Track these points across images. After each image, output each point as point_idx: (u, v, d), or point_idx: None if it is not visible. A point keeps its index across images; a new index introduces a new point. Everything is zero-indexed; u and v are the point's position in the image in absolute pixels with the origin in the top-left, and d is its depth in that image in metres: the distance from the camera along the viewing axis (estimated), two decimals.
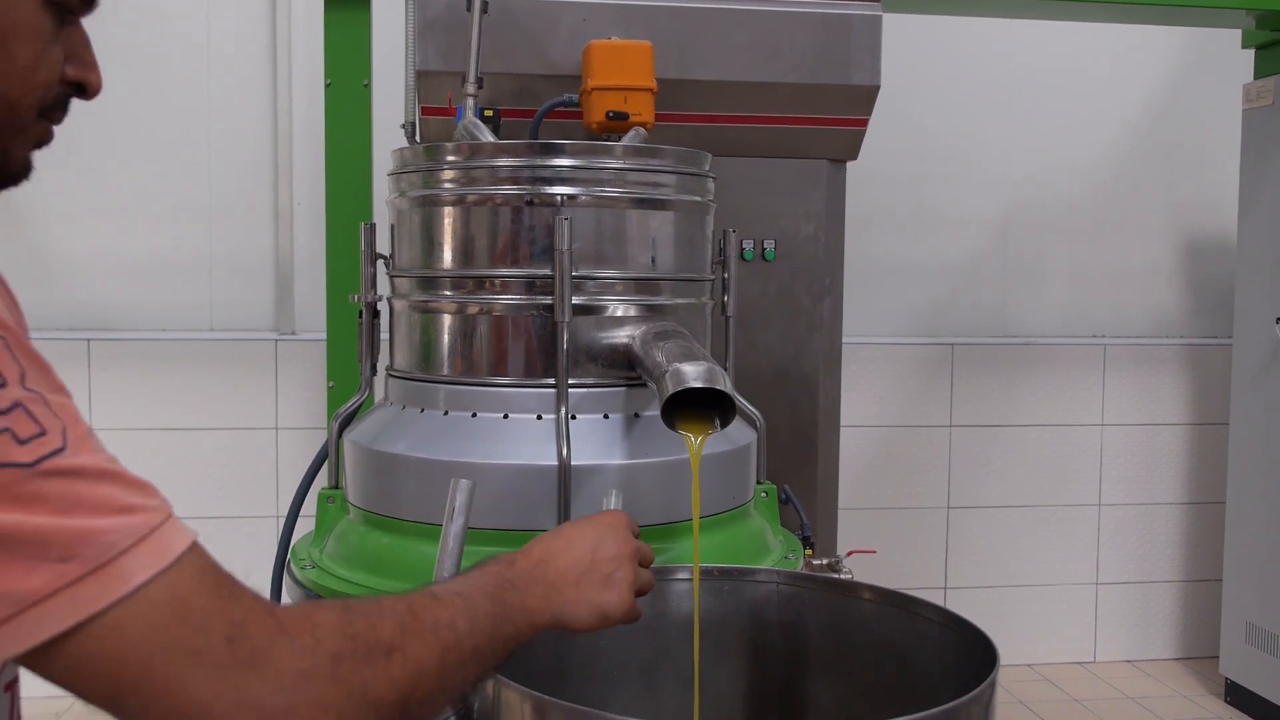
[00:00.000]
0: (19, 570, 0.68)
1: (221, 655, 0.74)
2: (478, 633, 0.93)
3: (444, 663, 0.88)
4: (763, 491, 1.93)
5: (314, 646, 0.79)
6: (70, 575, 0.69)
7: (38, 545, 0.68)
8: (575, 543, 1.12)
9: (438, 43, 2.39)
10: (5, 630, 0.68)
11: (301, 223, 3.65)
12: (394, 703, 0.83)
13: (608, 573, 1.11)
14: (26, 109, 0.86)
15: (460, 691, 0.93)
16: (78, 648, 0.70)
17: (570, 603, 1.07)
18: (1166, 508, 4.13)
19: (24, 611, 0.69)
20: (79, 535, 0.70)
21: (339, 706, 0.79)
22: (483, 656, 0.94)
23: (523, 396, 1.70)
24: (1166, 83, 4.09)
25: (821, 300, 2.69)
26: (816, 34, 2.55)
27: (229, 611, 0.76)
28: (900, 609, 1.37)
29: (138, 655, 0.72)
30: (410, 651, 0.85)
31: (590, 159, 1.72)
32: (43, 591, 0.69)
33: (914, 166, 3.93)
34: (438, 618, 0.90)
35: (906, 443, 3.96)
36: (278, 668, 0.76)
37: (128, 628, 0.71)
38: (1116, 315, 4.12)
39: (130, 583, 0.71)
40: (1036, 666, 4.01)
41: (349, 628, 0.82)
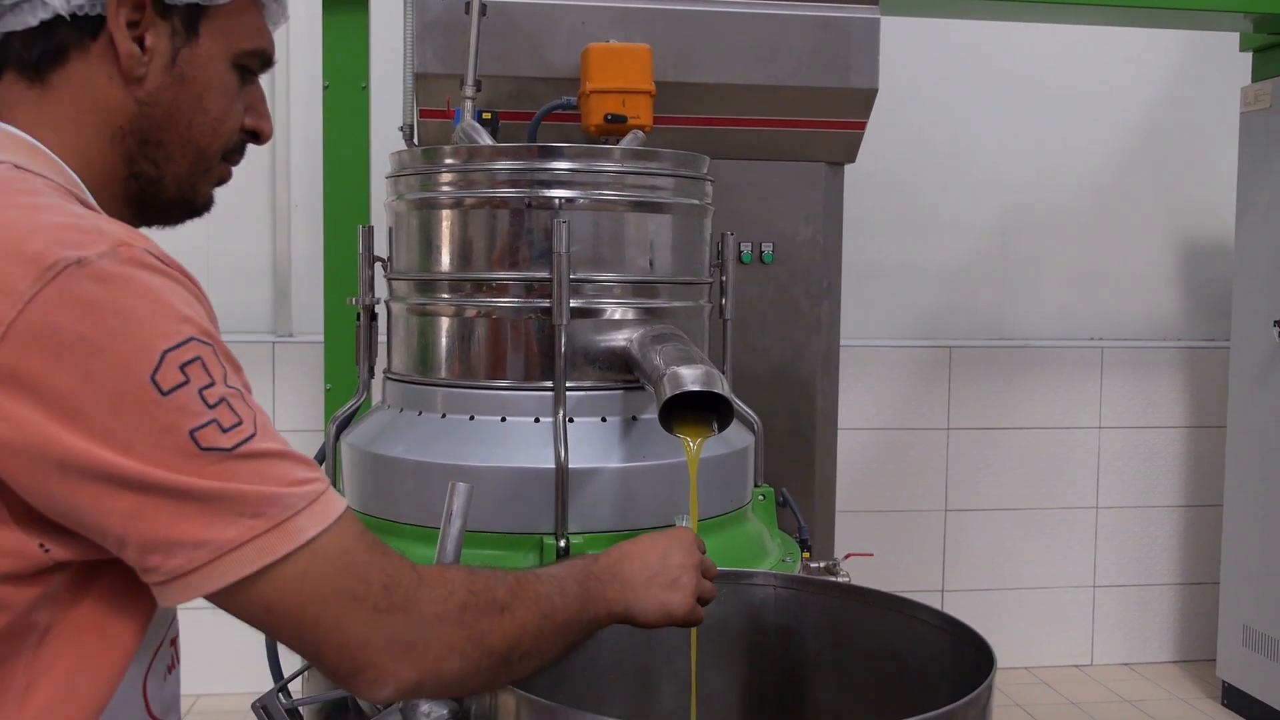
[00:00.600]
0: (221, 525, 0.85)
1: (380, 600, 0.92)
2: (568, 609, 1.09)
3: (541, 628, 1.04)
4: (760, 494, 1.93)
5: (447, 596, 0.97)
6: (259, 529, 0.87)
7: (235, 505, 0.86)
8: (649, 549, 1.24)
9: (436, 45, 2.39)
10: (208, 570, 0.85)
11: (299, 225, 3.65)
12: (502, 652, 1.00)
13: (674, 577, 1.22)
14: (213, 154, 1.08)
15: (550, 656, 1.07)
16: (267, 588, 0.87)
17: (640, 599, 1.19)
18: (1164, 510, 4.13)
19: (223, 556, 0.86)
20: (266, 499, 0.87)
21: (461, 648, 0.97)
22: (570, 630, 1.09)
23: (520, 399, 1.70)
24: (1164, 86, 4.10)
25: (819, 303, 2.69)
26: (815, 37, 2.56)
27: (384, 564, 0.93)
28: (897, 612, 1.38)
29: (314, 597, 0.89)
30: (518, 612, 1.02)
31: (588, 162, 1.73)
32: (237, 541, 0.86)
33: (912, 169, 3.93)
34: (538, 590, 1.06)
35: (904, 445, 3.96)
36: (421, 611, 0.94)
37: (305, 574, 0.89)
38: (1114, 318, 4.12)
39: (304, 535, 0.88)
40: (1033, 669, 4.01)
41: (474, 584, 1.00)
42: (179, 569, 0.85)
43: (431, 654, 0.94)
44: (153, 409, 0.84)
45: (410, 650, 0.93)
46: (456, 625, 0.96)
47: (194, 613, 1.34)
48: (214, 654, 3.39)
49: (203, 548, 0.85)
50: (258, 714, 1.31)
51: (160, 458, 0.84)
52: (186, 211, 1.12)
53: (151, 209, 1.10)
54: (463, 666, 0.97)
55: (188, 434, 0.85)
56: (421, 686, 0.96)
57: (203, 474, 0.85)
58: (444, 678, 0.96)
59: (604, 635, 1.41)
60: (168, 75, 1.02)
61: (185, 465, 0.84)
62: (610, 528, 1.66)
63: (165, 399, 0.84)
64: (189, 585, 0.86)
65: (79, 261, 0.84)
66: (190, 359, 0.86)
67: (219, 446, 0.86)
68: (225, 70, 1.06)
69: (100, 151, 1.03)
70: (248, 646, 2.70)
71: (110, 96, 1.01)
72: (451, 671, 0.96)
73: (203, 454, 0.85)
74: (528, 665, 1.04)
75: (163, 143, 1.04)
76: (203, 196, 1.11)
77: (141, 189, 1.06)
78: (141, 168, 1.05)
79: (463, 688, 1.02)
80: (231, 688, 3.40)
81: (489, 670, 1.00)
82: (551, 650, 1.07)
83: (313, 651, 0.92)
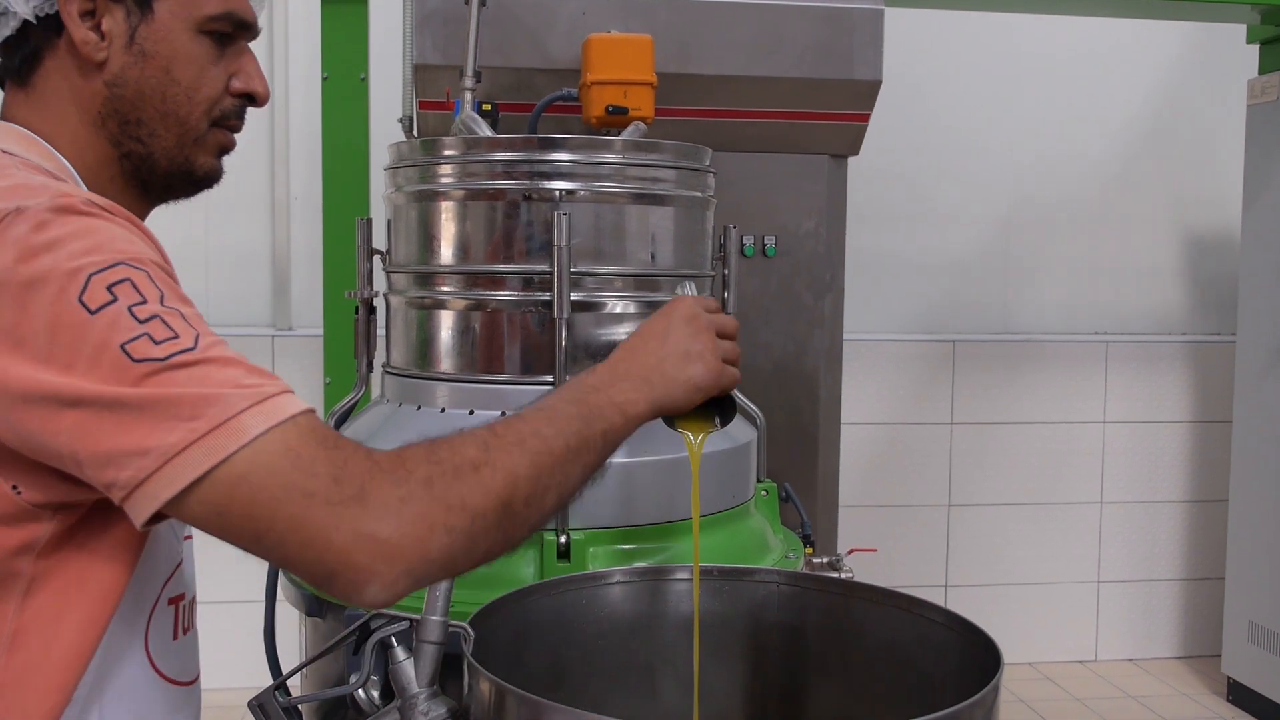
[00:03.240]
0: (161, 431, 0.85)
1: (331, 493, 0.87)
2: (565, 435, 1.02)
3: (536, 466, 0.98)
4: (763, 490, 1.91)
5: (406, 477, 0.90)
6: (200, 430, 0.85)
7: (173, 410, 0.85)
8: (648, 334, 1.18)
9: (435, 36, 2.37)
10: (159, 476, 0.85)
11: (298, 216, 3.64)
12: (495, 509, 0.94)
13: (686, 349, 1.16)
14: (196, 122, 1.09)
15: (568, 488, 1.02)
16: (215, 491, 0.86)
17: (659, 386, 1.13)
18: (1169, 505, 4.11)
19: (169, 461, 0.85)
20: (204, 400, 0.86)
21: (442, 520, 0.90)
22: (578, 455, 1.02)
23: (521, 394, 1.68)
24: (1170, 78, 4.07)
25: (822, 297, 2.67)
26: (818, 28, 2.53)
27: (332, 456, 0.89)
28: (903, 610, 1.36)
29: (263, 498, 0.86)
30: (498, 463, 0.95)
31: (589, 154, 1.71)
32: (180, 445, 0.85)
33: (916, 162, 3.91)
34: (519, 430, 1.00)
35: (908, 440, 3.94)
36: (380, 498, 0.88)
37: (250, 473, 0.86)
38: (1119, 312, 4.10)
39: (248, 434, 0.86)
40: (1038, 665, 4.00)
41: (435, 454, 0.94)
42: (132, 480, 0.86)
43: (408, 540, 0.88)
44: (84, 328, 0.86)
45: (380, 543, 0.87)
46: (425, 501, 0.90)
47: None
48: (211, 650, 3.38)
49: (147, 455, 0.85)
50: (255, 712, 1.30)
51: (96, 374, 0.86)
52: (189, 183, 1.13)
53: (154, 186, 1.12)
54: (451, 540, 0.91)
55: (119, 348, 0.86)
56: (415, 576, 0.90)
57: (140, 384, 0.86)
58: (435, 559, 0.91)
59: (604, 633, 1.40)
60: (129, 54, 1.05)
61: (120, 377, 0.86)
62: (612, 524, 1.64)
63: (94, 317, 0.87)
64: (147, 495, 0.86)
65: (18, 210, 0.89)
66: (118, 280, 0.88)
67: (152, 357, 0.86)
68: (190, 39, 1.07)
69: (89, 140, 1.07)
70: (245, 643, 2.68)
71: (82, 85, 1.06)
72: (440, 549, 0.90)
73: (136, 365, 0.86)
74: (540, 508, 0.99)
75: (142, 120, 1.07)
76: (201, 166, 1.12)
77: (136, 168, 1.09)
78: (129, 147, 1.08)
79: (470, 559, 0.95)
80: (229, 684, 3.39)
81: (490, 532, 0.94)
82: (566, 483, 1.02)
83: (281, 559, 0.89)
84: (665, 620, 1.44)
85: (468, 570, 0.96)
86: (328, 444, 0.90)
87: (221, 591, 3.54)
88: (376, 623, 1.22)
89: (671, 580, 1.45)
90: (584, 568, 1.58)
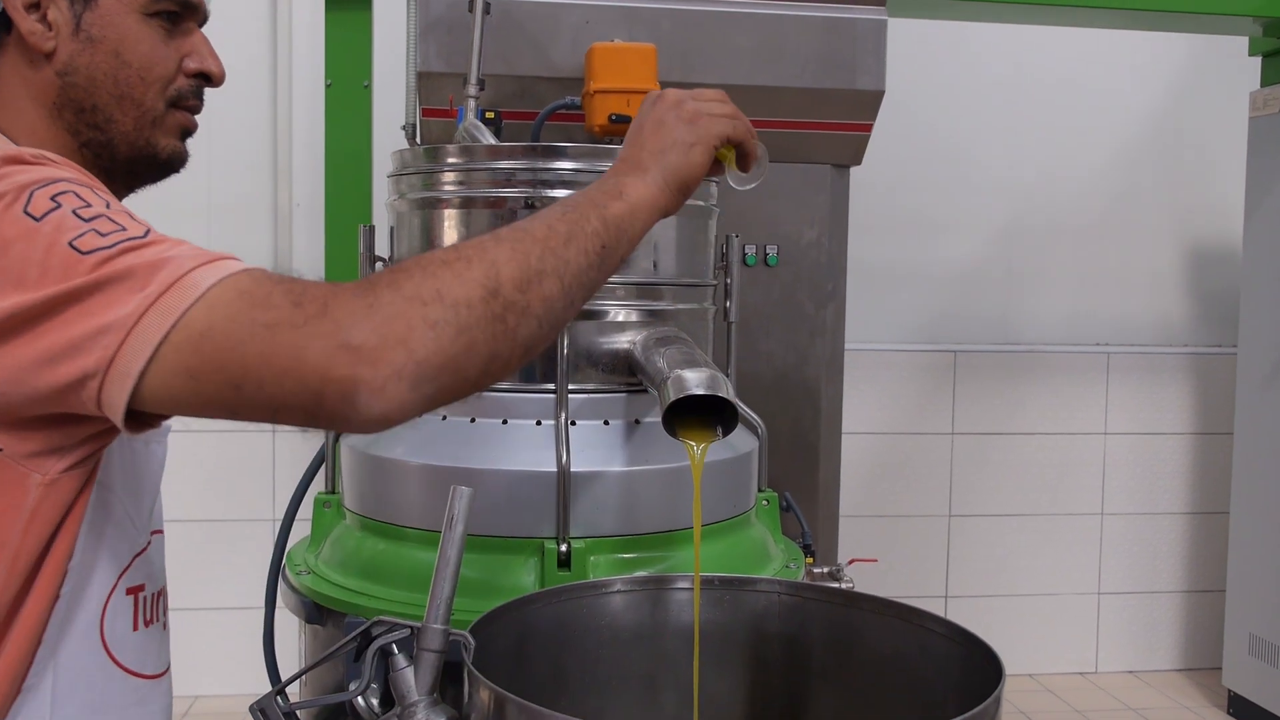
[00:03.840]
0: (117, 305, 0.85)
1: (294, 317, 0.85)
2: (548, 220, 0.97)
3: (518, 250, 0.92)
4: (764, 499, 1.91)
5: (369, 287, 0.87)
6: (153, 295, 0.85)
7: (125, 282, 0.85)
8: (641, 122, 1.14)
9: (439, 44, 2.37)
10: (125, 351, 0.85)
11: (301, 223, 3.63)
12: (480, 295, 0.88)
13: (660, 120, 1.13)
14: (152, 104, 1.09)
15: (570, 273, 0.95)
16: (181, 355, 0.85)
17: (651, 163, 1.09)
18: (1170, 517, 4.11)
19: (130, 332, 0.85)
20: (154, 265, 0.86)
21: (419, 314, 0.85)
22: (571, 237, 0.96)
23: (522, 402, 1.68)
24: (1172, 90, 4.08)
25: (824, 306, 2.67)
26: (821, 38, 2.54)
27: (290, 287, 0.87)
28: (904, 620, 1.35)
29: (228, 344, 0.84)
30: (470, 255, 0.90)
31: (592, 162, 1.71)
32: (138, 312, 0.85)
33: (918, 172, 3.91)
34: (495, 233, 0.95)
35: (908, 450, 3.94)
36: (345, 309, 0.85)
37: (210, 325, 0.84)
38: (1120, 323, 4.10)
39: (200, 287, 0.85)
40: (1038, 676, 3.99)
41: (395, 267, 0.91)
42: (101, 361, 0.85)
43: (386, 341, 0.84)
44: (32, 236, 0.87)
45: (356, 349, 0.83)
46: (396, 302, 0.85)
47: (191, 614, 1.32)
48: (211, 655, 3.38)
49: (108, 332, 0.85)
50: (255, 717, 1.29)
51: (49, 278, 0.86)
52: (153, 166, 1.13)
53: (118, 173, 1.12)
54: (439, 335, 0.85)
55: (67, 245, 0.87)
56: (410, 379, 0.85)
57: (91, 272, 0.86)
58: (428, 358, 0.85)
59: (605, 642, 1.39)
60: (76, 42, 1.06)
61: (73, 271, 0.86)
62: (613, 532, 1.64)
63: (40, 223, 0.88)
64: (119, 373, 0.85)
65: None
66: (60, 191, 0.90)
67: (100, 246, 0.87)
68: (137, 21, 1.08)
69: (48, 131, 1.08)
70: (245, 648, 2.68)
71: (35, 78, 1.07)
72: (427, 346, 0.85)
73: (85, 257, 0.86)
74: (541, 294, 0.92)
75: (96, 106, 1.08)
76: (164, 149, 1.12)
77: (97, 156, 1.09)
78: (88, 135, 1.08)
79: (473, 356, 0.88)
80: (229, 689, 3.39)
81: (486, 323, 0.88)
82: (565, 267, 0.95)
83: (266, 403, 0.86)
84: (666, 629, 1.43)
85: (483, 376, 0.90)
86: (282, 280, 0.88)
87: (221, 598, 3.54)
88: (377, 630, 1.22)
89: (672, 589, 1.45)
90: (585, 576, 1.58)
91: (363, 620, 1.24)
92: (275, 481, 3.61)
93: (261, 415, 0.88)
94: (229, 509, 3.56)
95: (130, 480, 1.06)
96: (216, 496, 3.56)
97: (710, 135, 1.14)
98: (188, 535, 3.29)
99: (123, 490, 1.04)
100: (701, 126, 1.13)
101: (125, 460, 1.04)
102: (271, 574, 1.94)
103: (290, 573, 1.77)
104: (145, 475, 1.10)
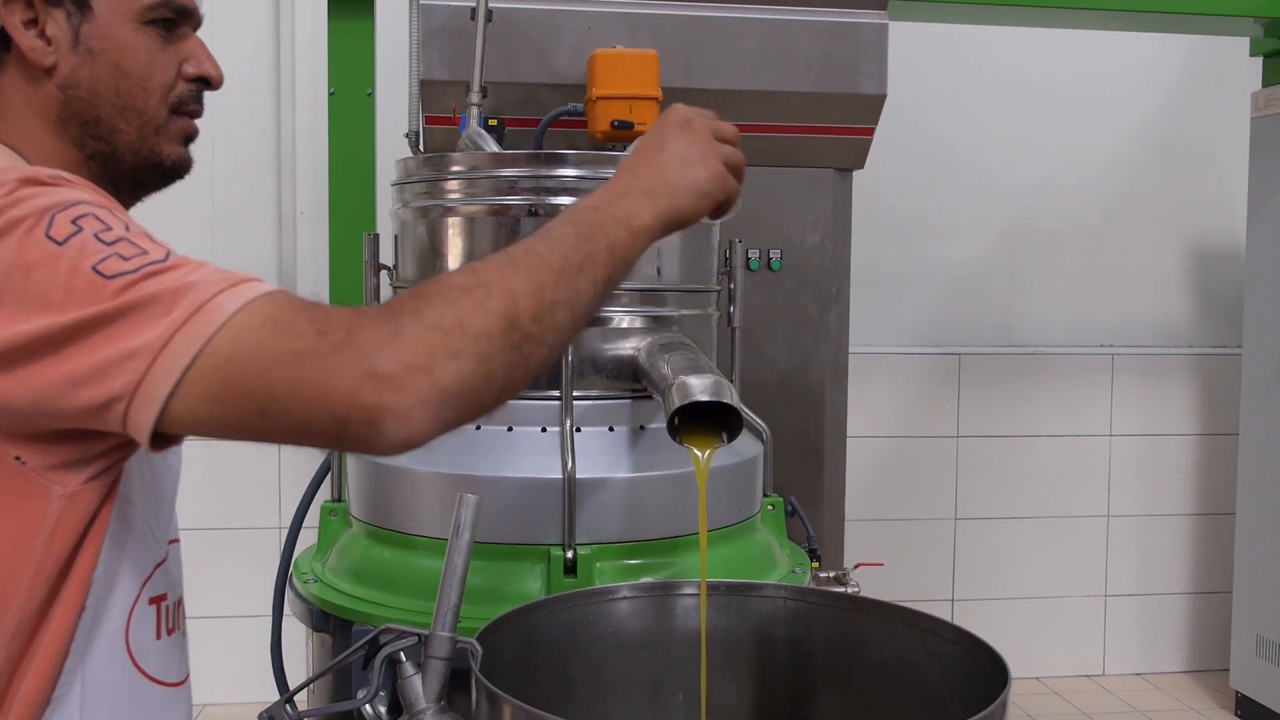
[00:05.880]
0: (144, 330, 0.86)
1: (319, 345, 0.87)
2: (563, 248, 0.99)
3: (534, 280, 0.95)
4: (769, 504, 1.91)
5: (392, 316, 0.89)
6: (179, 320, 0.86)
7: (151, 308, 0.86)
8: (644, 150, 1.14)
9: (442, 51, 2.38)
10: (151, 377, 0.86)
11: (305, 231, 3.64)
12: (500, 327, 0.91)
13: (684, 154, 1.12)
14: (154, 112, 1.09)
15: (580, 304, 0.98)
16: (208, 382, 0.86)
17: (663, 196, 1.09)
18: (1175, 519, 4.10)
19: (157, 358, 0.86)
20: (178, 291, 0.87)
21: (442, 344, 0.88)
22: (581, 268, 0.99)
23: (527, 409, 1.69)
24: (1174, 91, 4.07)
25: (828, 310, 2.68)
26: (823, 43, 2.54)
27: (313, 314, 0.89)
28: (910, 625, 1.35)
29: (254, 371, 0.86)
30: (491, 283, 0.93)
31: (595, 169, 1.71)
32: (164, 338, 0.86)
33: (920, 175, 3.91)
34: (510, 253, 0.97)
35: (913, 453, 3.94)
36: (369, 338, 0.87)
37: (236, 351, 0.86)
38: (1124, 325, 4.10)
39: (225, 313, 0.87)
40: (1045, 679, 3.98)
41: (419, 292, 0.92)
42: (128, 386, 0.86)
43: (411, 370, 0.86)
44: (55, 260, 0.87)
45: (381, 377, 0.86)
46: (419, 330, 0.88)
47: (198, 622, 1.32)
48: (221, 664, 3.38)
49: (135, 357, 0.86)
50: None
51: (73, 301, 0.87)
52: (159, 174, 1.13)
53: (124, 183, 1.12)
54: (460, 365, 0.88)
55: (91, 269, 0.87)
56: (433, 407, 0.87)
57: (116, 297, 0.86)
58: (449, 387, 0.88)
59: (611, 648, 1.40)
60: (75, 55, 1.06)
61: (97, 295, 0.87)
62: (618, 539, 1.64)
63: (63, 247, 0.88)
64: (146, 398, 0.86)
65: None
66: (81, 214, 0.90)
67: (124, 271, 0.87)
68: (134, 30, 1.08)
69: (54, 147, 1.08)
70: (254, 657, 2.68)
71: (37, 94, 1.07)
72: (449, 376, 0.88)
73: (109, 281, 0.87)
74: (554, 324, 0.95)
75: (100, 118, 1.08)
76: (169, 156, 1.12)
77: (103, 168, 1.10)
78: (93, 147, 1.09)
79: (490, 386, 0.91)
80: (237, 698, 3.39)
81: (503, 354, 0.91)
82: (576, 299, 0.97)
83: (293, 428, 0.88)
84: (672, 635, 1.43)
85: (497, 402, 0.93)
86: (305, 307, 0.90)
87: (229, 606, 3.55)
88: (385, 638, 1.22)
89: (678, 595, 1.45)
90: (591, 583, 1.58)
91: (370, 628, 1.24)
92: (281, 490, 3.61)
93: (287, 439, 0.90)
94: (236, 517, 3.56)
95: (149, 492, 1.07)
96: (223, 505, 3.56)
97: (721, 190, 1.14)
98: (195, 544, 3.28)
99: (142, 502, 1.05)
100: (717, 179, 1.13)
101: (145, 473, 1.05)
102: (279, 582, 1.95)
103: (297, 581, 1.77)
104: (163, 486, 1.10)
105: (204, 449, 3.76)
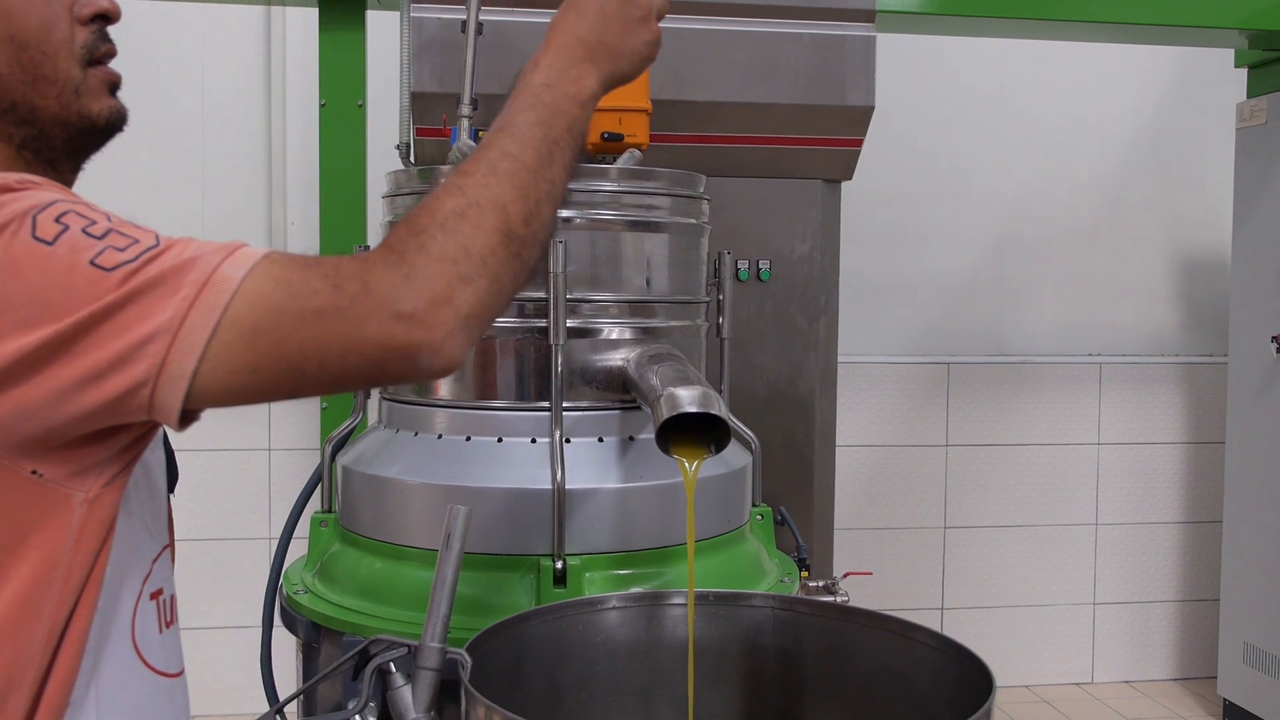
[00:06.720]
0: (156, 311, 0.86)
1: (339, 299, 0.88)
2: (534, 143, 1.01)
3: (517, 185, 0.98)
4: (758, 514, 1.92)
5: (399, 257, 0.91)
6: (190, 297, 0.86)
7: (158, 288, 0.86)
8: (582, 9, 1.14)
9: (433, 64, 2.39)
10: (174, 355, 0.86)
11: (295, 242, 3.65)
12: (499, 241, 0.95)
13: (625, 15, 1.15)
14: (66, 71, 1.03)
15: (557, 191, 1.02)
16: (234, 353, 0.87)
17: (605, 62, 1.12)
18: (1163, 527, 4.12)
19: (177, 335, 0.86)
20: (180, 268, 0.87)
21: (455, 274, 0.91)
22: (551, 157, 1.02)
23: (517, 420, 1.70)
24: (1160, 102, 4.10)
25: (817, 320, 2.69)
26: (811, 55, 2.56)
27: (321, 269, 0.90)
28: (896, 634, 1.37)
29: (280, 335, 0.87)
30: (481, 200, 0.95)
31: (585, 181, 1.72)
32: (179, 315, 0.86)
33: (909, 186, 3.93)
34: (488, 159, 0.99)
35: (902, 463, 3.95)
36: (386, 284, 0.89)
37: (257, 321, 0.87)
38: (1112, 334, 4.12)
39: (234, 281, 0.87)
40: (1034, 687, 3.99)
41: (412, 227, 0.93)
42: (151, 370, 0.86)
43: (434, 304, 0.90)
44: (47, 261, 0.86)
45: (409, 317, 0.89)
46: (431, 266, 0.91)
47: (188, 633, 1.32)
48: (209, 675, 3.38)
49: (154, 339, 0.86)
50: None
51: (79, 297, 0.86)
52: (92, 134, 1.07)
53: (63, 160, 1.07)
54: (475, 288, 0.92)
55: (88, 264, 0.86)
56: (461, 334, 0.92)
57: (120, 287, 0.86)
58: (472, 311, 0.92)
59: (600, 658, 1.40)
60: None
61: (100, 289, 0.86)
62: (608, 549, 1.65)
63: (53, 247, 0.87)
64: (171, 378, 0.86)
65: None
66: (62, 212, 0.89)
67: (123, 261, 0.87)
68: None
69: None
70: (243, 667, 2.67)
71: None
72: (469, 300, 0.92)
73: (111, 273, 0.86)
74: (541, 219, 0.99)
75: (15, 103, 1.02)
76: (100, 112, 1.06)
77: (36, 153, 1.05)
78: (21, 134, 1.03)
79: (502, 294, 0.96)
80: (227, 709, 3.38)
81: (507, 264, 0.95)
82: (553, 188, 1.02)
83: (333, 378, 0.90)
84: (661, 645, 1.44)
85: (509, 303, 0.99)
86: (311, 263, 0.91)
87: (219, 617, 3.54)
88: (375, 648, 1.22)
89: (667, 605, 1.46)
90: (580, 593, 1.59)
91: (360, 639, 1.25)
92: (271, 500, 3.61)
93: (324, 391, 0.92)
94: (226, 528, 3.56)
95: (144, 487, 1.07)
96: (213, 515, 3.56)
97: (656, 52, 1.19)
98: (184, 554, 3.28)
99: (140, 498, 1.05)
100: (657, 42, 1.18)
101: (140, 469, 1.06)
102: (269, 593, 1.95)
103: (288, 591, 1.78)
104: (155, 479, 1.11)
105: (193, 460, 3.75)
